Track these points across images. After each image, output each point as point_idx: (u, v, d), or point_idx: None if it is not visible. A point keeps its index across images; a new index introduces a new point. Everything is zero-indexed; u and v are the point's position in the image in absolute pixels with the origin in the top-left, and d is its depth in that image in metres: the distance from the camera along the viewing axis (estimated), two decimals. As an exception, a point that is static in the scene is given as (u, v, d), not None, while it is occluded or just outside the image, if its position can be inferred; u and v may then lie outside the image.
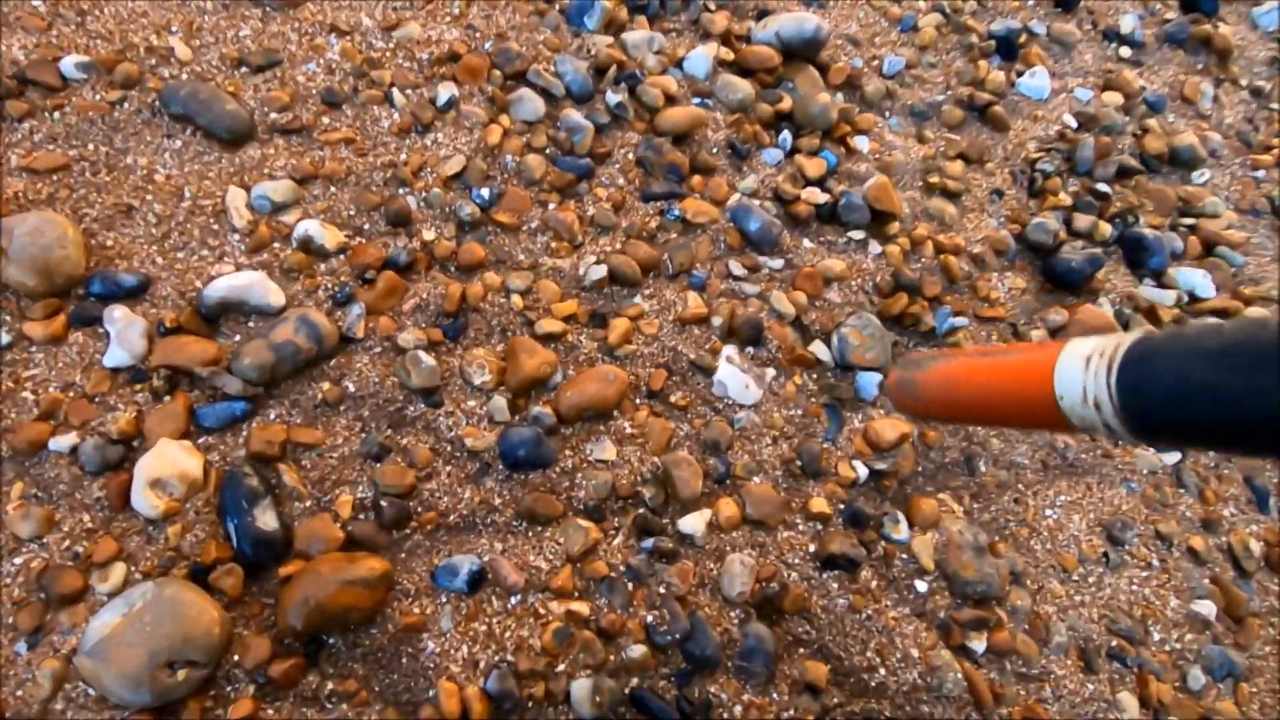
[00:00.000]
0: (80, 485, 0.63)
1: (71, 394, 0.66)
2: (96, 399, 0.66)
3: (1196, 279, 1.07)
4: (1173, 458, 0.94)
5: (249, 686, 0.60)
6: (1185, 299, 1.07)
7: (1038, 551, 0.84)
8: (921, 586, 0.77)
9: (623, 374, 0.78)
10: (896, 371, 0.52)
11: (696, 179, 0.94)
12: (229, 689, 0.60)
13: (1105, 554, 0.86)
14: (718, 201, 0.94)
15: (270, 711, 0.59)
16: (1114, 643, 0.80)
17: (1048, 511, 0.87)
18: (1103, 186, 1.11)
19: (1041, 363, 0.35)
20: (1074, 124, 1.17)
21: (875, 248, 0.97)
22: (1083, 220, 1.07)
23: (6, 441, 0.63)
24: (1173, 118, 1.25)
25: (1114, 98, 1.23)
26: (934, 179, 1.05)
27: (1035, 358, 0.36)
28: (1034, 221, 1.04)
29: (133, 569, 0.61)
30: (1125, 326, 1.02)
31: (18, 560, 0.60)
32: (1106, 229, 1.07)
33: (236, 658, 0.60)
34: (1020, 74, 1.20)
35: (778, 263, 0.92)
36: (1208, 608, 0.85)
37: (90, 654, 0.56)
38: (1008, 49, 1.22)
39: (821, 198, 0.97)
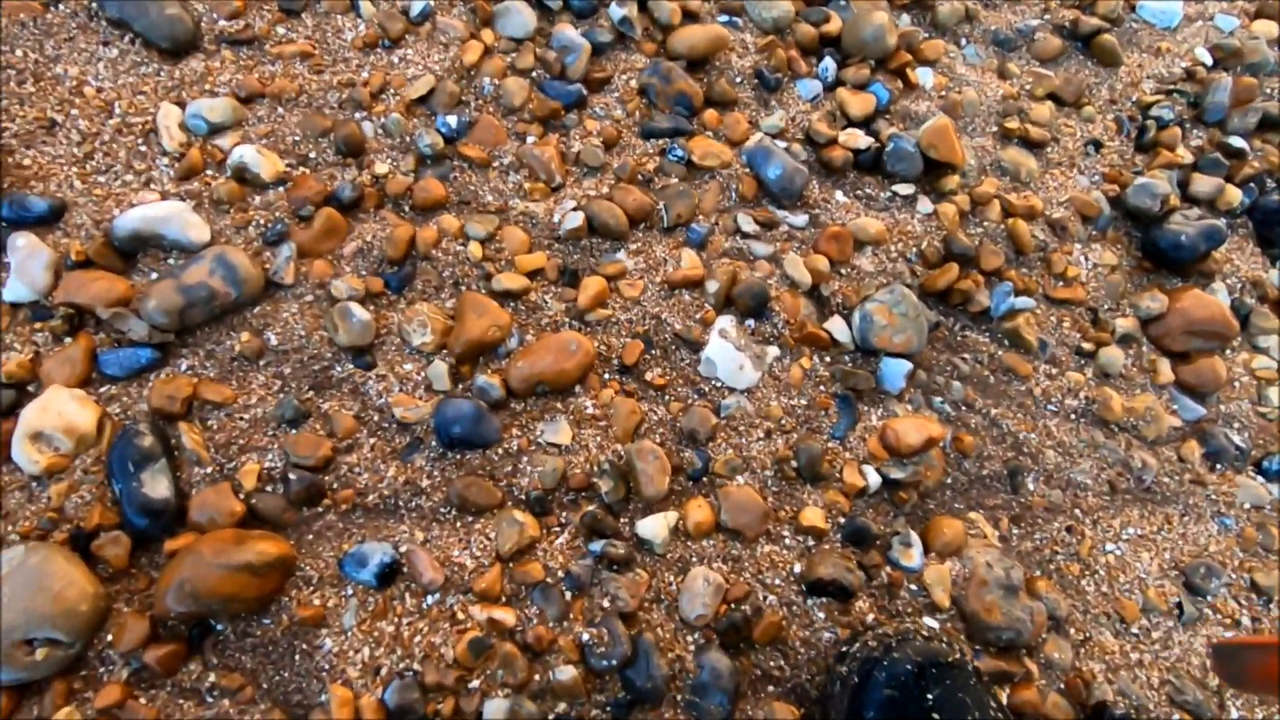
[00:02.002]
0: (-34, 431, 0.57)
1: (-33, 329, 0.60)
2: (-7, 336, 0.60)
3: (1351, 265, 0.84)
4: (1287, 490, 0.75)
5: (122, 670, 0.53)
6: (1332, 290, 0.84)
7: (1089, 594, 0.68)
8: (931, 625, 0.63)
9: (588, 343, 0.66)
10: (1219, 662, 0.46)
11: (710, 114, 0.79)
12: (101, 670, 0.53)
13: (1179, 604, 0.69)
14: (734, 142, 0.78)
15: (142, 700, 0.53)
16: (1176, 716, 0.65)
17: (1109, 546, 0.70)
18: (1237, 141, 0.88)
19: None
20: (1209, 60, 0.93)
21: (925, 206, 0.79)
22: (1205, 183, 0.85)
23: (-104, 377, 0.58)
24: (1346, 56, 0.98)
25: (1268, 28, 0.97)
26: (1013, 124, 0.85)
27: None
28: (1138, 182, 0.83)
29: (10, 528, 0.55)
30: (1244, 320, 0.82)
31: (-109, 509, 0.55)
32: (1235, 195, 0.85)
33: (110, 637, 0.54)
34: (1144, -6, 0.97)
35: (800, 219, 0.76)
36: (1309, 684, 0.67)
37: (-53, 621, 0.50)
38: (1132, -38, 0.98)
39: (863, 142, 0.79)
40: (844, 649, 0.58)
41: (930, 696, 0.52)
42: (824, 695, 0.58)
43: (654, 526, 0.62)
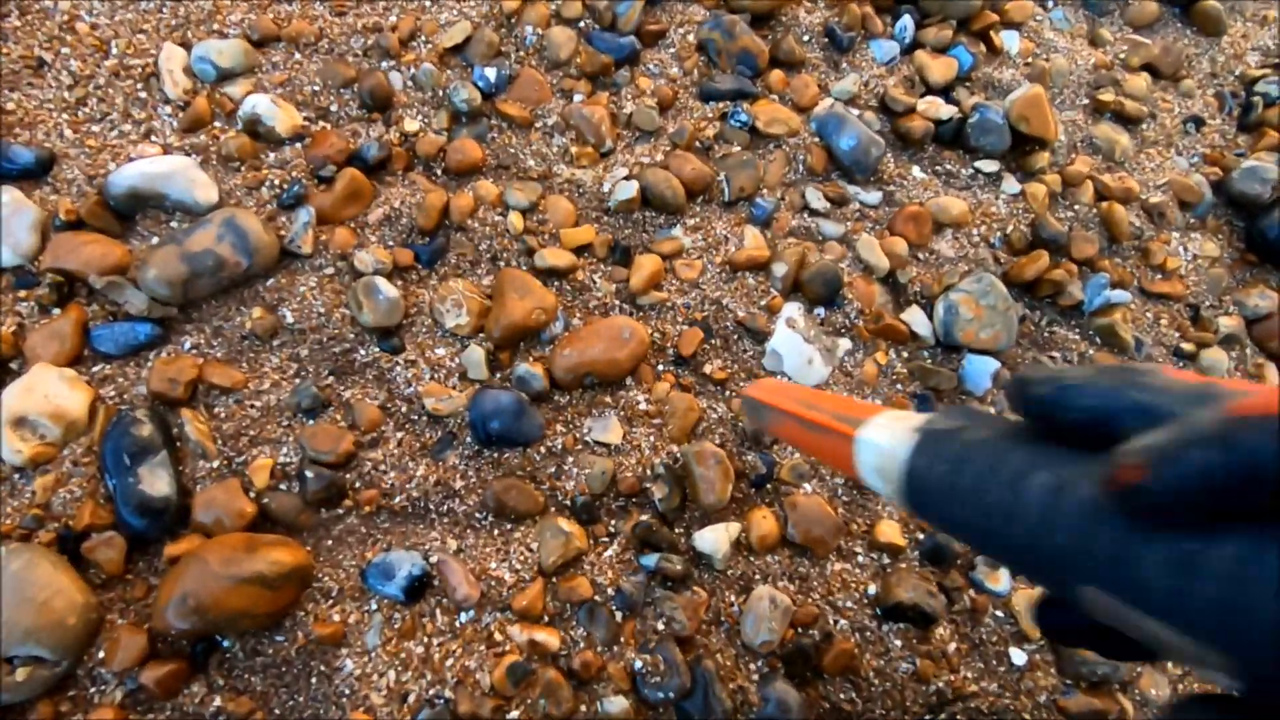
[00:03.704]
0: (-60, 413, 0.50)
1: (-58, 296, 0.53)
2: (-29, 305, 0.53)
3: None
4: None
5: (116, 691, 0.47)
6: None
7: (1188, 623, 0.61)
8: (1019, 658, 0.57)
9: (643, 330, 0.58)
10: (748, 415, 0.50)
11: (776, 75, 0.71)
12: (92, 690, 0.47)
13: (1285, 637, 0.62)
14: (802, 108, 0.70)
15: (140, 725, 0.47)
16: (1283, 762, 0.58)
17: (1210, 570, 0.63)
18: (1352, 123, 0.80)
19: (844, 445, 0.33)
20: (1320, 32, 0.85)
21: (1012, 185, 0.71)
22: (1316, 169, 0.77)
23: None
24: None
25: (1385, -2, 0.88)
26: (1106, 96, 0.77)
27: (839, 442, 0.33)
28: (1243, 165, 0.75)
29: (-11, 526, 0.49)
30: (1357, 323, 0.74)
31: None
32: (1350, 183, 0.77)
33: (102, 654, 0.47)
34: (1251, -43, 0.87)
35: (873, 196, 0.68)
36: None
37: (-85, 633, 0.44)
38: (1236, -79, 0.89)
39: (945, 111, 0.71)
40: (928, 717, 0.51)
41: None
42: None
43: (714, 539, 0.55)
